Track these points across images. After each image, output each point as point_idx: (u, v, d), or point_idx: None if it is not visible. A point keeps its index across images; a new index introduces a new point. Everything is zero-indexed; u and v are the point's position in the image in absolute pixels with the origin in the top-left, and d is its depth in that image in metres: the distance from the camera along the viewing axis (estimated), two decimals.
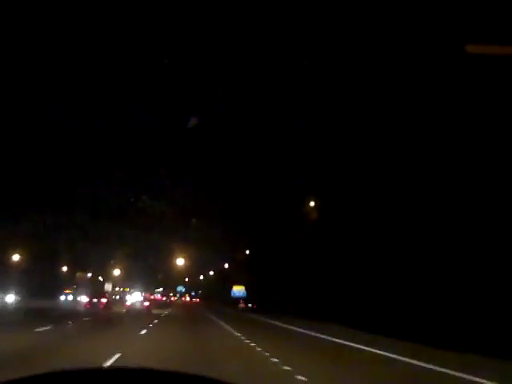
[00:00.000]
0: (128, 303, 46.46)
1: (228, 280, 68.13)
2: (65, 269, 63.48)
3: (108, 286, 41.54)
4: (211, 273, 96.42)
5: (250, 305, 53.12)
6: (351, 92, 23.82)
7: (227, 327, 23.00)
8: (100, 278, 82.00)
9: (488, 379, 8.75)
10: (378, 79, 21.16)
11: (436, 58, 16.72)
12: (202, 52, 27.18)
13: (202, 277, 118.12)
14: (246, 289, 55.44)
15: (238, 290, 55.72)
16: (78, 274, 65.43)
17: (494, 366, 10.13)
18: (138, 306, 42.62)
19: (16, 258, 52.31)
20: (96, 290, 46.40)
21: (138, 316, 29.79)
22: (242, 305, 54.07)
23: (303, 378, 8.63)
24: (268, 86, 31.20)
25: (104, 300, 36.50)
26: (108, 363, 8.82)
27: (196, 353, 12.15)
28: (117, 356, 10.36)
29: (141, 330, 17.93)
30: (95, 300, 35.31)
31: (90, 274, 75.43)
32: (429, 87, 17.67)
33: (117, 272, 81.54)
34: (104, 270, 79.26)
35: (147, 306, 43.33)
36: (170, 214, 54.07)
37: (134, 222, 57.03)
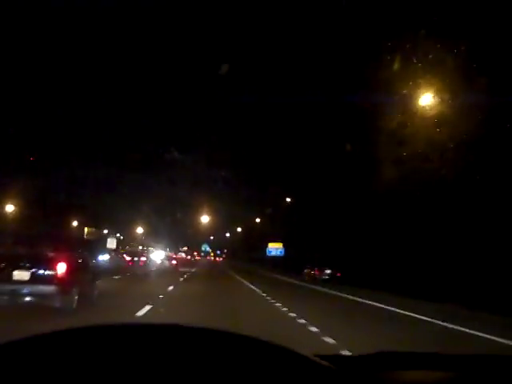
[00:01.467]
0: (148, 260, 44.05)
1: (260, 237, 58.63)
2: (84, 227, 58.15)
3: (112, 242, 34.50)
4: (239, 229, 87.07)
5: (327, 271, 32.36)
6: None
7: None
8: (119, 236, 74.11)
9: None
10: None
11: None
12: None
13: (228, 234, 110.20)
14: (285, 247, 45.56)
15: (275, 248, 45.84)
16: (88, 230, 55.99)
17: None
18: (163, 264, 43.39)
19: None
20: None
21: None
22: (313, 271, 33.60)
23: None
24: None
25: (143, 259, 38.94)
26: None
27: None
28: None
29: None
30: (136, 259, 37.59)
31: (105, 231, 67.65)
32: None
33: (140, 230, 77.45)
34: (126, 228, 74.76)
35: (175, 265, 44.54)
36: (199, 166, 51.45)
37: (160, 174, 54.34)
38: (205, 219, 68.63)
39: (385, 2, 17.91)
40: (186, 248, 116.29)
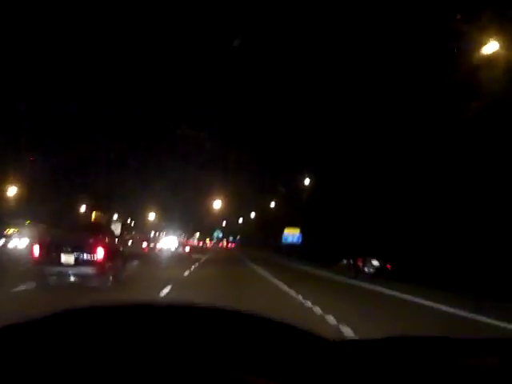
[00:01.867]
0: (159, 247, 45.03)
1: (274, 222, 55.95)
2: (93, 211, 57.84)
3: (117, 227, 32.24)
4: (252, 215, 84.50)
5: (374, 262, 26.30)
6: None
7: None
8: (130, 222, 73.82)
9: None
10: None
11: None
12: None
13: (241, 220, 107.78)
14: (303, 232, 42.77)
15: (292, 234, 43.10)
16: (96, 214, 54.40)
17: None
18: (176, 251, 42.75)
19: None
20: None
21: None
22: (356, 263, 27.74)
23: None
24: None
25: (159, 246, 40.06)
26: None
27: None
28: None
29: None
30: (152, 245, 39.10)
31: (116, 216, 64.50)
32: None
33: (152, 216, 75.52)
34: (137, 213, 72.90)
35: (188, 252, 44.23)
36: (211, 145, 49.77)
37: (172, 151, 53.17)
38: (217, 204, 67.18)
39: None
40: (198, 234, 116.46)
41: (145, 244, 37.81)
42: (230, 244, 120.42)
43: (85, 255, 11.86)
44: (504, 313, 10.25)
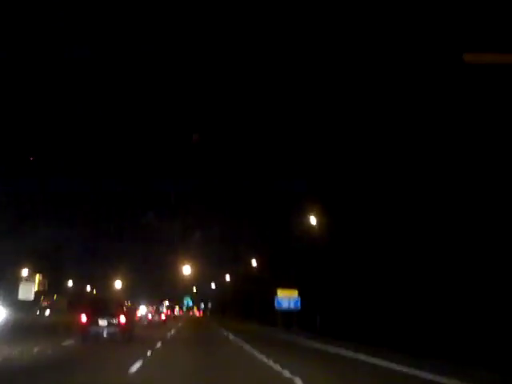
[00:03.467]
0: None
1: (259, 283, 45.42)
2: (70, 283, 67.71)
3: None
4: (227, 277, 73.28)
5: None
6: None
7: None
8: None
9: None
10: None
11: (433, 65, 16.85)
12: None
13: (213, 285, 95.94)
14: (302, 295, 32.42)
15: (288, 298, 32.47)
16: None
17: None
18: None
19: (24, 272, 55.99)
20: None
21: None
22: None
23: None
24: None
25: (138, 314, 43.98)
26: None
27: None
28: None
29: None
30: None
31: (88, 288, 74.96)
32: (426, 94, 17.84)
33: (118, 285, 76.15)
34: (107, 285, 75.14)
35: (164, 320, 48.15)
36: (176, 228, 55.57)
37: (138, 237, 60.56)
38: (187, 270, 68.55)
39: None
40: (166, 302, 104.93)
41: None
42: (198, 312, 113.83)
43: (113, 320, 19.02)
44: None
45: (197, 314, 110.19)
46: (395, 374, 11.89)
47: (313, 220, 28.04)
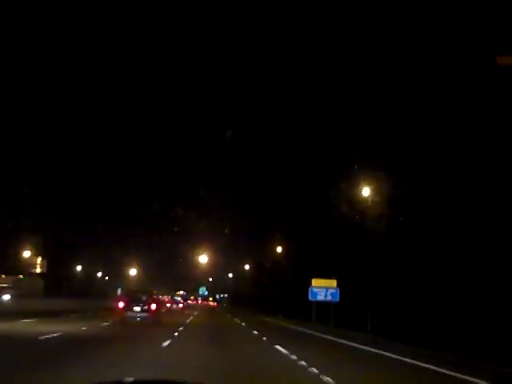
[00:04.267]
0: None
1: (283, 272, 39.33)
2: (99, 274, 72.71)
3: None
4: (247, 267, 67.41)
5: None
6: None
7: None
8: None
9: None
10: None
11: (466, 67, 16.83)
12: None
13: (231, 275, 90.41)
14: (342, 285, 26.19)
15: (324, 288, 26.26)
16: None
17: None
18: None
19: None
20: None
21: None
22: None
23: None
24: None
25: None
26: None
27: None
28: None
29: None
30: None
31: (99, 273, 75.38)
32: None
33: (133, 272, 73.48)
34: (120, 272, 74.95)
35: (182, 308, 54.22)
36: (203, 223, 54.63)
37: (154, 225, 59.54)
38: (203, 259, 65.65)
39: None
40: (181, 292, 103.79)
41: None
42: (212, 303, 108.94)
43: (145, 307, 22.92)
44: None
45: (211, 304, 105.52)
46: None
47: (365, 192, 21.25)
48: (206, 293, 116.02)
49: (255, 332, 21.36)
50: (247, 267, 67.72)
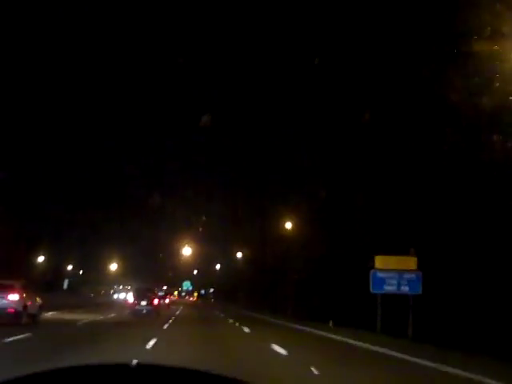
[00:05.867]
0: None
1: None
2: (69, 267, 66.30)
3: None
4: (239, 255, 56.67)
5: None
6: None
7: None
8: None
9: None
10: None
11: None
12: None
13: (218, 266, 79.91)
14: None
15: (398, 272, 15.49)
16: None
17: None
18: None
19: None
20: None
21: None
22: None
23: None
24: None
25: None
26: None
27: None
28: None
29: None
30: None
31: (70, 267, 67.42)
32: None
33: (114, 267, 71.14)
34: (100, 268, 71.45)
35: (168, 304, 50.42)
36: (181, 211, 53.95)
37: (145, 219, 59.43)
38: (187, 251, 63.23)
39: None
40: (165, 287, 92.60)
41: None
42: (192, 298, 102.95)
43: (149, 301, 28.82)
44: None
45: (190, 299, 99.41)
46: None
47: None
48: (191, 288, 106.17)
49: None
50: (240, 255, 56.91)
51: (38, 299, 18.50)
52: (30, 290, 18.19)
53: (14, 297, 16.48)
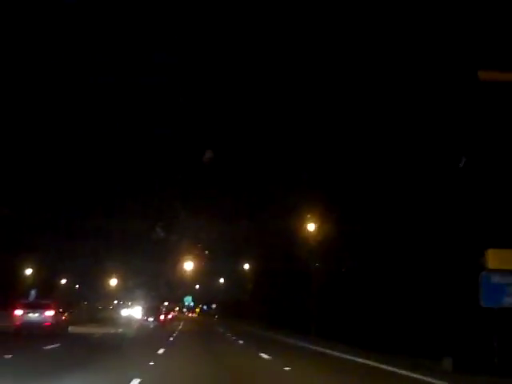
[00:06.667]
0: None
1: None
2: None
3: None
4: (246, 266, 50.78)
5: None
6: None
7: None
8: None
9: None
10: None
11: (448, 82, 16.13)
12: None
13: (222, 280, 74.16)
14: None
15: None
16: None
17: None
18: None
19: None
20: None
21: None
22: None
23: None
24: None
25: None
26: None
27: None
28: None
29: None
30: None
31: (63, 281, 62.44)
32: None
33: (113, 283, 68.46)
34: (98, 283, 67.65)
35: (171, 319, 56.22)
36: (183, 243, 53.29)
37: (147, 252, 59.27)
38: (188, 266, 59.96)
39: None
40: (166, 303, 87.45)
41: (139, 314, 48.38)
42: (191, 314, 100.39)
43: (156, 317, 40.55)
44: None
45: (190, 315, 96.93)
46: None
47: None
48: (192, 304, 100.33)
49: None
50: (247, 266, 50.73)
51: (65, 315, 23.93)
52: (59, 308, 23.11)
53: (50, 313, 21.28)
